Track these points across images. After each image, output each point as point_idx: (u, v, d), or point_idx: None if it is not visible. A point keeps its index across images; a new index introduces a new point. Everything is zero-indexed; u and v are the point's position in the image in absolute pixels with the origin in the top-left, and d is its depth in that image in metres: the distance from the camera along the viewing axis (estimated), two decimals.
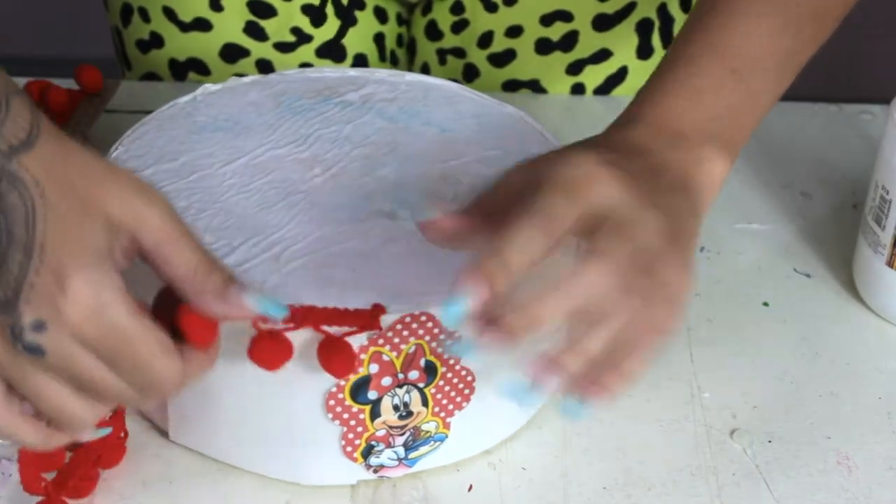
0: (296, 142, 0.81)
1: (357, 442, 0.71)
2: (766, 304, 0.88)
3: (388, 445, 0.72)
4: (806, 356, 0.84)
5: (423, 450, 0.73)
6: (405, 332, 0.68)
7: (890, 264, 0.85)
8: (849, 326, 0.87)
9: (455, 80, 1.07)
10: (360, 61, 1.10)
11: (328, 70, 0.88)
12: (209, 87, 0.85)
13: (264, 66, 1.07)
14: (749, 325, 0.86)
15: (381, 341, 0.68)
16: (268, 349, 0.66)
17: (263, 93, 0.85)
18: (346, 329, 0.67)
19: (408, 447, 0.72)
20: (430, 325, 0.69)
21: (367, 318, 0.67)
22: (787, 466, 0.76)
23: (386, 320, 0.68)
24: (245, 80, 0.86)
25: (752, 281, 0.90)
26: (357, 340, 0.68)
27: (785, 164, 1.02)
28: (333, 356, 0.67)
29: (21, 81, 1.00)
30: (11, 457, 0.74)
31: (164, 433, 0.75)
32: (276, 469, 0.73)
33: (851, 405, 0.81)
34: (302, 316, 0.67)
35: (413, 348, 0.69)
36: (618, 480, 0.75)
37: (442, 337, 0.69)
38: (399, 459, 0.73)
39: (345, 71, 0.88)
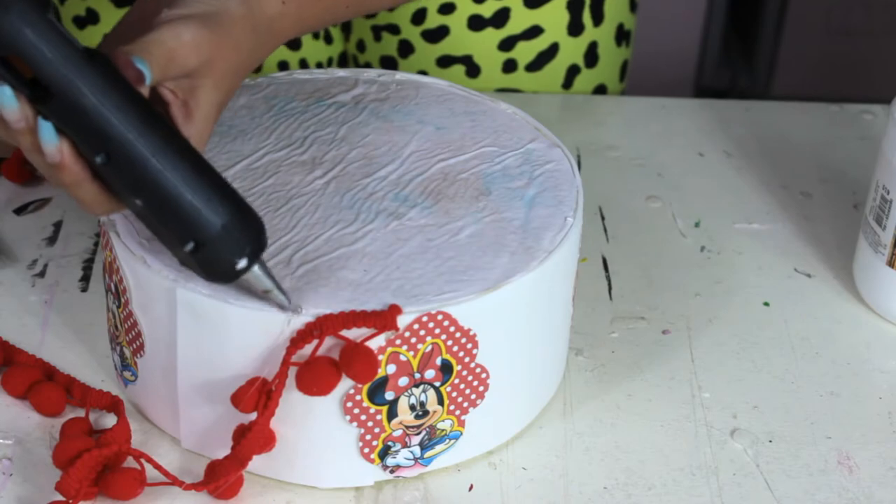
0: (293, 144, 0.81)
1: (374, 443, 0.71)
2: (766, 304, 0.88)
3: (405, 445, 0.72)
4: (806, 356, 0.84)
5: (438, 448, 0.73)
6: (422, 332, 0.69)
7: (890, 264, 0.85)
8: (849, 326, 0.87)
9: (390, 57, 1.09)
10: (293, 38, 1.09)
11: (317, 71, 0.88)
12: None
13: None
14: (749, 325, 0.86)
15: (398, 342, 0.68)
16: (312, 377, 0.68)
17: (254, 96, 0.85)
18: (364, 333, 0.68)
19: (423, 446, 0.73)
20: (446, 323, 0.69)
21: (385, 320, 0.67)
22: (788, 466, 0.76)
23: (403, 320, 0.68)
24: None
25: (752, 281, 0.90)
26: (375, 342, 0.68)
27: (785, 164, 1.02)
28: (356, 362, 0.67)
29: None
30: (12, 457, 0.74)
31: (176, 441, 0.76)
32: (292, 473, 0.73)
33: (851, 405, 0.81)
34: (322, 326, 0.67)
35: (430, 347, 0.69)
36: (618, 480, 0.75)
37: (458, 335, 0.69)
38: (415, 459, 0.73)
39: (334, 72, 0.88)
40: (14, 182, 0.94)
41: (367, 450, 0.71)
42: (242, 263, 0.67)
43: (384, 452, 0.72)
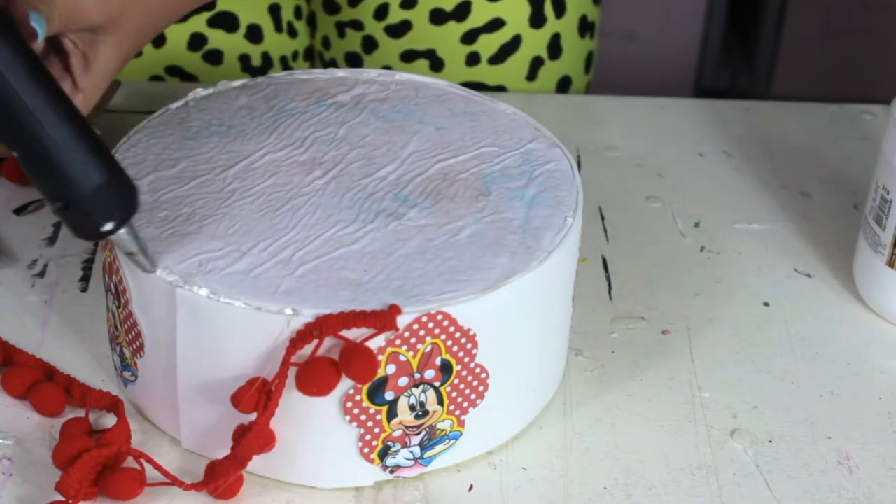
0: (293, 144, 0.81)
1: (374, 443, 0.71)
2: (766, 304, 0.88)
3: (405, 445, 0.72)
4: (806, 356, 0.84)
5: (438, 448, 0.73)
6: (422, 332, 0.69)
7: (890, 264, 0.85)
8: (849, 326, 0.87)
9: (355, 53, 1.09)
10: (255, 32, 1.10)
11: (317, 71, 0.88)
12: (199, 91, 0.85)
13: (157, 37, 1.07)
14: (749, 325, 0.86)
15: (398, 342, 0.68)
16: (312, 377, 0.68)
17: (254, 96, 0.85)
18: (364, 333, 0.68)
19: (423, 446, 0.73)
20: (445, 323, 0.69)
21: (385, 320, 0.68)
22: (788, 466, 0.76)
23: (402, 320, 0.68)
24: (235, 83, 0.86)
25: (752, 281, 0.90)
26: (374, 342, 0.68)
27: (785, 164, 1.02)
28: (356, 362, 0.67)
29: None
30: (12, 457, 0.74)
31: (175, 441, 0.76)
32: (291, 473, 0.73)
33: (851, 405, 0.81)
34: (322, 326, 0.67)
35: (429, 347, 0.69)
36: (618, 480, 0.75)
37: (458, 335, 0.70)
38: (415, 459, 0.73)
39: (333, 72, 0.88)
40: (14, 182, 0.94)
41: (366, 450, 0.71)
42: (108, 227, 0.69)
43: (384, 452, 0.72)
